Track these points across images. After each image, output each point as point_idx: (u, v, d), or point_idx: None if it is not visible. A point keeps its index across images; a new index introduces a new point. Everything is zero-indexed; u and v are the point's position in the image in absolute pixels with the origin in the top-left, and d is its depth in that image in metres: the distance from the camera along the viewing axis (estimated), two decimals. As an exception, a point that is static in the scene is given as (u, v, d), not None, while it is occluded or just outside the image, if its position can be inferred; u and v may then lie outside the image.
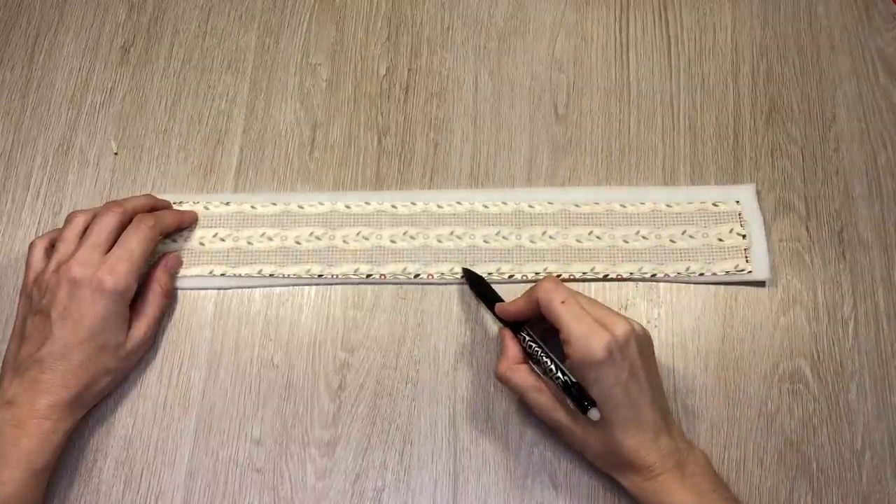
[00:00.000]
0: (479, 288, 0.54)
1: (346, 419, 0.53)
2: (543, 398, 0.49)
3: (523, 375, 0.50)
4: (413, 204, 0.58)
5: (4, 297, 0.56)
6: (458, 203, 0.58)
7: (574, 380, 0.47)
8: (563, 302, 0.47)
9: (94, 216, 0.52)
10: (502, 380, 0.50)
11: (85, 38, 0.64)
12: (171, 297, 0.55)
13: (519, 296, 0.51)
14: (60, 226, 0.53)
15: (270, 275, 0.56)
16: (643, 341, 0.47)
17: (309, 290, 0.56)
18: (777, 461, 0.51)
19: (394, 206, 0.58)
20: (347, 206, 0.58)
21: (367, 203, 0.58)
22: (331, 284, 0.56)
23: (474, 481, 0.51)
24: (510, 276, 0.56)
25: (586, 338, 0.45)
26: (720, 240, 0.56)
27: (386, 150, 0.60)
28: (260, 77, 0.62)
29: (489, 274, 0.55)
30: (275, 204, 0.58)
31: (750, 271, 0.55)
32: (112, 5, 0.65)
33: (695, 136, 0.60)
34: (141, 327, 0.52)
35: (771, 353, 0.54)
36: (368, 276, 0.56)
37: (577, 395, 0.46)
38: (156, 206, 0.56)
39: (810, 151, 0.59)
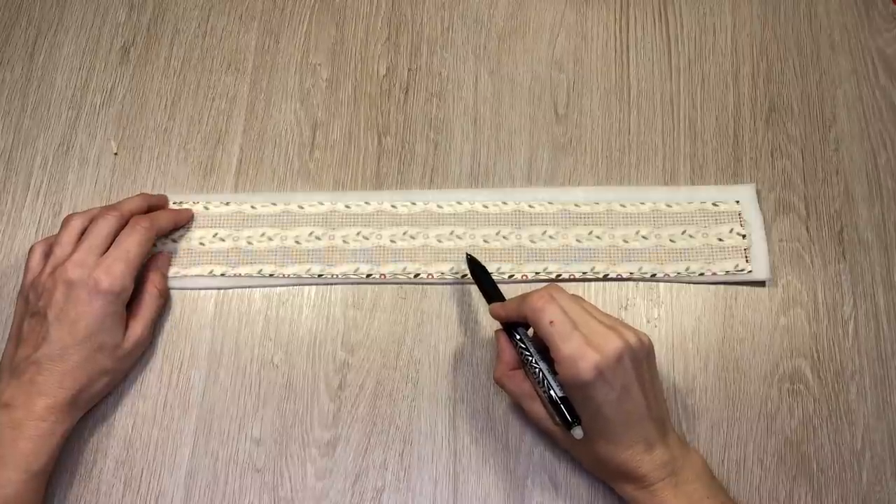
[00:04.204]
0: (480, 278, 0.53)
1: (346, 419, 0.53)
2: (536, 407, 0.49)
3: (518, 382, 0.49)
4: (413, 204, 0.58)
5: (4, 298, 0.56)
6: (458, 203, 0.58)
7: (561, 395, 0.46)
8: (551, 322, 0.45)
9: (91, 220, 0.52)
10: (499, 384, 0.50)
11: (85, 38, 0.64)
12: (166, 297, 0.55)
13: (513, 297, 0.50)
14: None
15: (270, 275, 0.56)
16: (638, 354, 0.45)
17: (309, 290, 0.56)
18: (777, 461, 0.51)
19: (394, 206, 0.58)
20: (347, 206, 0.58)
21: (366, 203, 0.58)
22: (331, 284, 0.56)
23: (474, 481, 0.51)
24: (510, 276, 0.56)
25: (574, 360, 0.44)
26: (720, 240, 0.56)
27: (386, 150, 0.60)
28: (260, 77, 0.62)
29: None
30: (275, 204, 0.58)
31: (750, 271, 0.55)
32: (112, 5, 0.65)
33: (695, 136, 0.60)
34: (137, 328, 0.52)
35: (771, 353, 0.54)
36: (368, 276, 0.56)
37: (562, 412, 0.46)
38: (152, 206, 0.56)
39: (810, 151, 0.59)
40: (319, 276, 0.56)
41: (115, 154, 0.60)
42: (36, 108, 0.62)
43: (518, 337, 0.49)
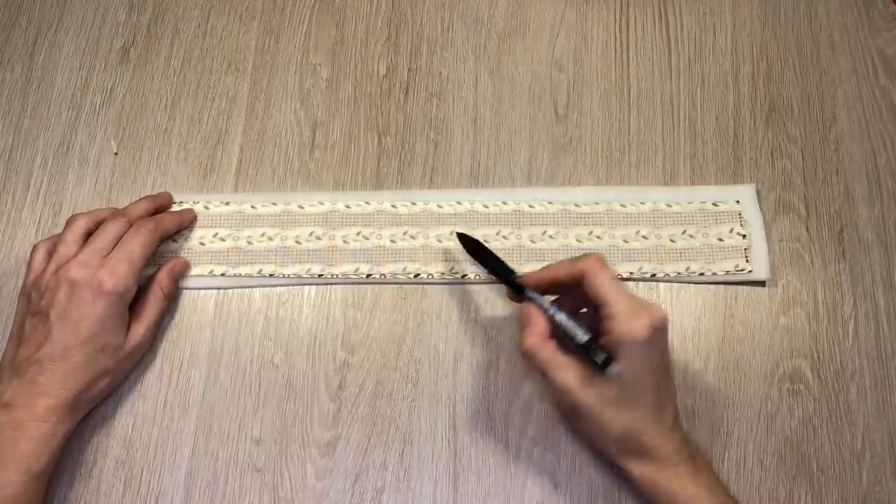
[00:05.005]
0: (479, 253, 0.52)
1: (346, 419, 0.53)
2: (570, 377, 0.46)
3: (551, 351, 0.47)
4: (413, 204, 0.58)
5: (4, 298, 0.56)
6: (458, 203, 0.58)
7: (591, 335, 0.46)
8: (611, 278, 0.46)
9: (99, 223, 0.52)
10: (528, 355, 0.47)
11: (85, 38, 0.64)
12: (171, 301, 0.55)
13: (551, 264, 0.49)
14: (60, 226, 0.53)
15: (270, 275, 0.56)
16: (666, 330, 0.46)
17: (309, 290, 0.56)
18: (777, 461, 0.51)
19: (394, 206, 0.58)
20: (347, 206, 0.58)
21: (367, 203, 0.58)
22: (331, 284, 0.56)
23: (474, 481, 0.51)
24: (510, 276, 0.56)
25: (633, 314, 0.45)
26: (720, 240, 0.56)
27: (386, 150, 0.60)
28: (260, 77, 0.62)
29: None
30: (275, 204, 0.58)
31: (750, 271, 0.55)
32: (112, 5, 0.65)
33: (695, 136, 0.60)
34: (140, 329, 0.52)
35: (771, 353, 0.54)
36: (368, 276, 0.56)
37: (595, 351, 0.45)
38: (158, 207, 0.56)
39: (810, 151, 0.59)
40: (319, 276, 0.56)
41: (115, 154, 0.60)
42: (36, 108, 0.62)
43: (532, 296, 0.49)
